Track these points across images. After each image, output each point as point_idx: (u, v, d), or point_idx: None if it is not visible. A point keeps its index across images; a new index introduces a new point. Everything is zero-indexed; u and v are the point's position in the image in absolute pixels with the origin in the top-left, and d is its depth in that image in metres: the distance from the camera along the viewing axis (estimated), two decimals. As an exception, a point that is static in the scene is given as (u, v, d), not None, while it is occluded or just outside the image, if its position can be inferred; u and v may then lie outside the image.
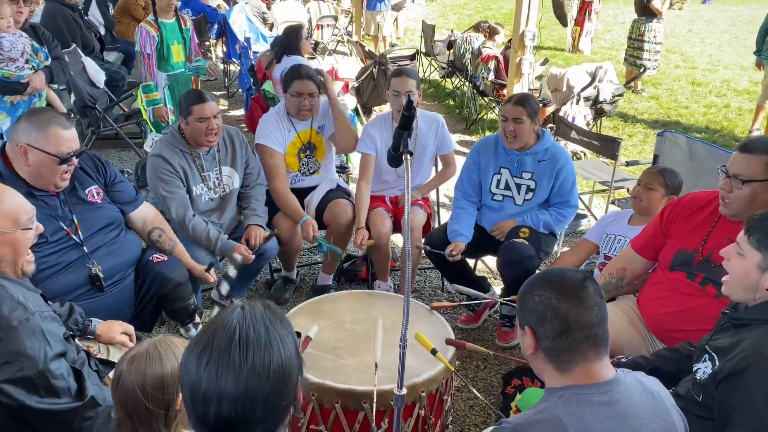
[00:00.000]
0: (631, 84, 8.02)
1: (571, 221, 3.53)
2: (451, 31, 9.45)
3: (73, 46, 5.52)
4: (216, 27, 8.75)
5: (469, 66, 7.06)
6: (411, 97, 1.67)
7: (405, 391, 1.69)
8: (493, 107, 6.70)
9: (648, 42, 7.67)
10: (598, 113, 5.78)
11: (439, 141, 3.45)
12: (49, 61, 3.94)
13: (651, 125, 7.03)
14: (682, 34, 13.62)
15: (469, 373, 2.98)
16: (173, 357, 1.42)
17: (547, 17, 11.31)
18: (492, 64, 6.56)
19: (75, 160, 2.30)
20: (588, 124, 5.65)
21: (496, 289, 3.51)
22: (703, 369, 1.70)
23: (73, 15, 6.00)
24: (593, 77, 5.71)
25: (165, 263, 2.61)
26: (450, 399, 2.43)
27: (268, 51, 6.15)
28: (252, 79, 6.26)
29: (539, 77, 6.90)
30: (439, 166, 3.66)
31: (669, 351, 2.02)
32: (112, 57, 7.00)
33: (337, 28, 10.95)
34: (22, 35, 3.82)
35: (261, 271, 3.55)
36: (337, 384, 2.06)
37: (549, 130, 3.36)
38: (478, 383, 2.92)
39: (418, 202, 3.44)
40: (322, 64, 9.04)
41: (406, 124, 1.65)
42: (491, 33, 7.06)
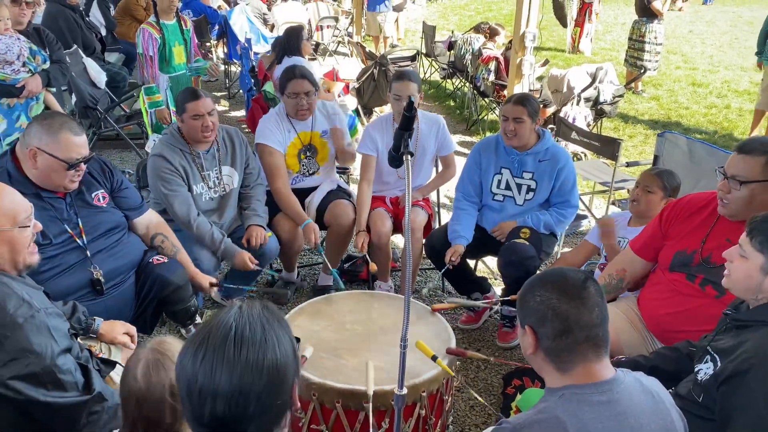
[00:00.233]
0: (632, 85, 8.02)
1: (572, 222, 3.54)
2: (452, 32, 9.46)
3: (75, 47, 5.53)
4: (217, 28, 8.76)
5: (470, 67, 7.07)
6: (412, 98, 1.67)
7: (406, 391, 1.69)
8: (494, 108, 6.70)
9: (649, 43, 7.67)
10: (599, 114, 5.78)
11: (439, 142, 3.46)
12: (47, 64, 3.89)
13: (651, 126, 7.03)
14: (683, 35, 13.63)
15: (470, 374, 2.98)
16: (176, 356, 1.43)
17: (548, 18, 11.32)
18: (492, 65, 6.56)
19: (83, 165, 2.32)
20: (588, 125, 5.65)
21: (497, 290, 3.51)
22: (705, 370, 1.70)
23: (74, 16, 6.01)
24: (594, 78, 5.72)
25: (165, 265, 2.61)
26: (450, 399, 2.43)
27: (268, 52, 6.16)
28: (253, 80, 6.27)
29: (540, 78, 6.91)
30: (440, 168, 3.67)
31: (669, 350, 2.02)
32: (113, 58, 7.02)
33: (337, 29, 10.97)
34: (19, 38, 3.76)
35: (261, 272, 3.54)
36: (338, 384, 2.07)
37: (549, 130, 3.36)
38: (479, 384, 2.92)
39: (419, 203, 3.44)
40: (323, 65, 9.07)
41: (406, 124, 1.65)
42: (492, 34, 7.07)
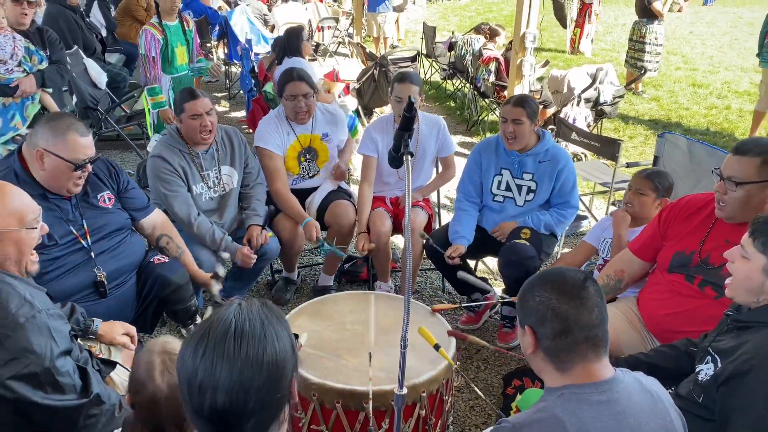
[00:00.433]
0: (632, 86, 8.02)
1: (572, 222, 3.53)
2: (452, 32, 9.48)
3: (75, 47, 5.53)
4: (217, 29, 8.77)
5: (470, 68, 7.07)
6: (411, 98, 1.67)
7: (405, 390, 1.70)
8: (494, 109, 6.71)
9: (649, 44, 7.67)
10: (599, 115, 5.78)
11: (440, 143, 3.46)
12: (44, 65, 3.88)
13: (652, 127, 7.03)
14: (683, 35, 13.63)
15: (470, 374, 2.98)
16: None
17: (548, 19, 11.33)
18: (493, 66, 6.57)
19: (89, 166, 2.33)
20: (588, 126, 5.66)
21: (497, 290, 3.51)
22: (705, 370, 1.70)
23: (74, 16, 6.01)
24: (594, 79, 5.72)
25: (166, 265, 2.62)
26: (450, 399, 2.43)
27: (269, 52, 6.17)
28: (253, 80, 6.28)
29: (540, 79, 6.91)
30: (440, 169, 3.67)
31: (668, 348, 2.02)
32: (113, 58, 7.02)
33: (338, 29, 10.98)
34: (15, 37, 3.73)
35: (262, 272, 3.55)
36: (338, 384, 2.07)
37: (550, 131, 3.37)
38: (479, 384, 2.92)
39: (419, 204, 3.44)
40: (324, 66, 9.08)
41: (406, 125, 1.65)
42: (492, 35, 7.07)
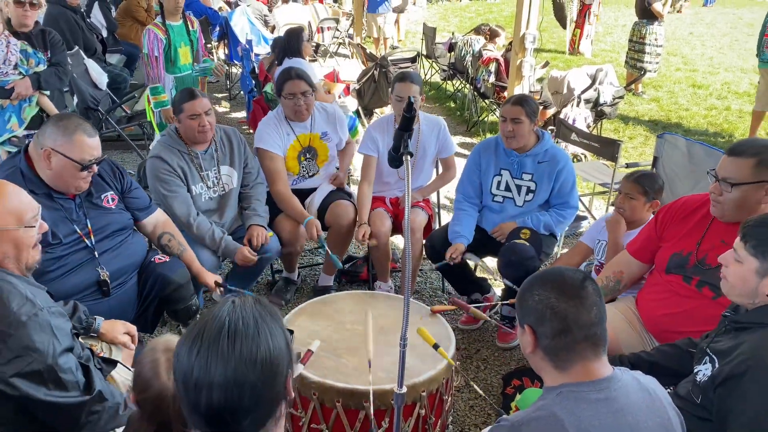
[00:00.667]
0: (632, 86, 8.03)
1: (572, 223, 3.55)
2: (452, 33, 9.49)
3: (76, 48, 5.54)
4: (218, 29, 8.78)
5: (470, 68, 7.08)
6: (411, 99, 1.68)
7: (405, 389, 1.71)
8: (494, 109, 6.72)
9: (649, 45, 7.69)
10: (599, 115, 5.79)
11: (440, 144, 3.47)
12: (41, 67, 3.88)
13: (651, 127, 7.04)
14: (683, 36, 13.65)
15: (470, 374, 2.99)
16: None
17: (548, 20, 11.33)
18: (493, 67, 6.58)
19: (95, 167, 2.34)
20: (588, 127, 5.66)
21: (497, 291, 3.52)
22: (704, 371, 1.71)
23: (75, 17, 6.02)
24: (593, 80, 5.72)
25: (167, 264, 2.63)
26: (450, 399, 2.44)
27: (269, 53, 6.18)
28: (254, 81, 6.29)
29: (540, 79, 6.92)
30: (440, 169, 3.68)
31: (669, 347, 2.03)
32: (114, 59, 7.04)
33: (338, 30, 10.99)
34: (10, 42, 3.74)
35: (263, 272, 3.56)
36: (338, 383, 2.08)
37: (549, 132, 3.37)
38: (479, 384, 2.93)
39: (419, 204, 3.45)
40: (324, 67, 9.08)
41: (406, 125, 1.66)
42: (492, 35, 7.09)
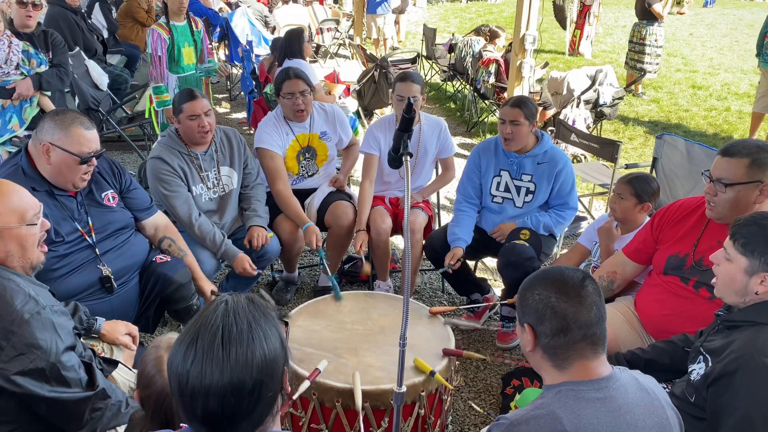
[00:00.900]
0: (632, 87, 8.04)
1: (572, 223, 3.55)
2: (453, 34, 9.49)
3: (77, 49, 5.55)
4: (218, 30, 8.79)
5: (470, 69, 7.09)
6: (411, 100, 1.69)
7: (405, 389, 1.71)
8: (494, 110, 6.72)
9: (649, 45, 7.69)
10: (599, 116, 5.79)
11: (440, 144, 3.47)
12: (43, 68, 3.90)
13: (651, 128, 7.05)
14: (683, 37, 13.65)
15: (469, 374, 3.00)
16: None
17: (548, 21, 11.34)
18: (493, 68, 6.59)
19: (95, 160, 2.34)
20: (588, 127, 5.67)
21: (497, 291, 3.53)
22: (697, 370, 1.73)
23: (75, 18, 6.04)
24: (593, 80, 5.73)
25: (168, 264, 2.63)
26: (450, 399, 2.45)
27: (269, 54, 6.19)
28: (254, 82, 6.30)
29: (540, 80, 6.93)
30: (440, 170, 3.68)
31: (665, 343, 2.05)
32: (115, 60, 7.05)
33: (338, 31, 11.00)
34: (12, 42, 3.76)
35: (263, 272, 3.56)
36: (338, 383, 2.09)
37: (549, 133, 3.38)
38: (478, 384, 2.94)
39: (419, 205, 3.45)
40: (324, 67, 9.09)
41: (406, 126, 1.67)
42: (492, 36, 7.10)
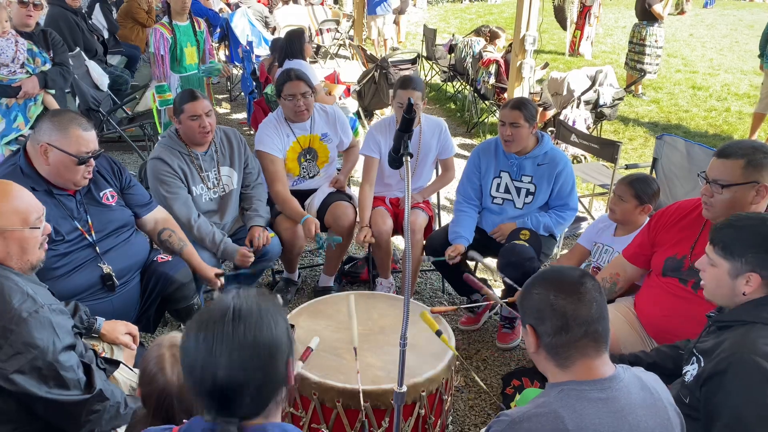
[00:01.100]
0: (632, 88, 8.04)
1: (572, 224, 3.55)
2: (453, 35, 9.49)
3: (77, 49, 5.56)
4: (218, 31, 8.79)
5: (470, 70, 7.09)
6: (411, 100, 1.69)
7: (405, 388, 1.72)
8: (494, 111, 6.73)
9: (649, 46, 7.70)
10: (599, 117, 5.79)
11: (441, 145, 3.48)
12: (47, 66, 3.92)
13: (651, 129, 7.05)
14: (683, 38, 13.65)
15: (469, 374, 2.99)
16: None
17: (548, 21, 11.34)
18: (493, 68, 6.59)
19: (93, 161, 2.34)
20: (588, 128, 5.67)
21: (497, 291, 3.52)
22: (691, 371, 1.74)
23: (75, 19, 6.04)
24: (593, 81, 5.73)
25: (169, 263, 2.64)
26: (450, 399, 2.45)
27: (269, 54, 6.19)
28: (254, 82, 6.30)
29: (540, 81, 6.93)
30: (440, 171, 3.69)
31: (668, 347, 2.05)
32: (115, 60, 7.05)
33: (338, 32, 11.01)
34: (18, 41, 3.77)
35: (263, 273, 3.57)
36: (338, 383, 2.09)
37: (549, 133, 3.38)
38: (478, 384, 2.93)
39: (420, 205, 3.46)
40: (324, 68, 9.10)
41: (406, 126, 1.67)
42: (492, 37, 7.10)
